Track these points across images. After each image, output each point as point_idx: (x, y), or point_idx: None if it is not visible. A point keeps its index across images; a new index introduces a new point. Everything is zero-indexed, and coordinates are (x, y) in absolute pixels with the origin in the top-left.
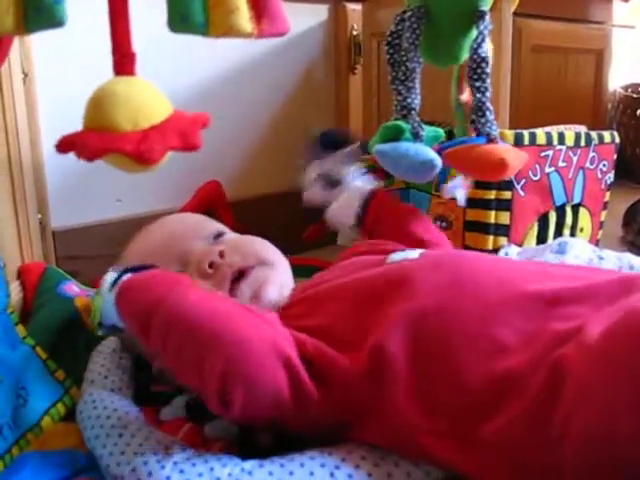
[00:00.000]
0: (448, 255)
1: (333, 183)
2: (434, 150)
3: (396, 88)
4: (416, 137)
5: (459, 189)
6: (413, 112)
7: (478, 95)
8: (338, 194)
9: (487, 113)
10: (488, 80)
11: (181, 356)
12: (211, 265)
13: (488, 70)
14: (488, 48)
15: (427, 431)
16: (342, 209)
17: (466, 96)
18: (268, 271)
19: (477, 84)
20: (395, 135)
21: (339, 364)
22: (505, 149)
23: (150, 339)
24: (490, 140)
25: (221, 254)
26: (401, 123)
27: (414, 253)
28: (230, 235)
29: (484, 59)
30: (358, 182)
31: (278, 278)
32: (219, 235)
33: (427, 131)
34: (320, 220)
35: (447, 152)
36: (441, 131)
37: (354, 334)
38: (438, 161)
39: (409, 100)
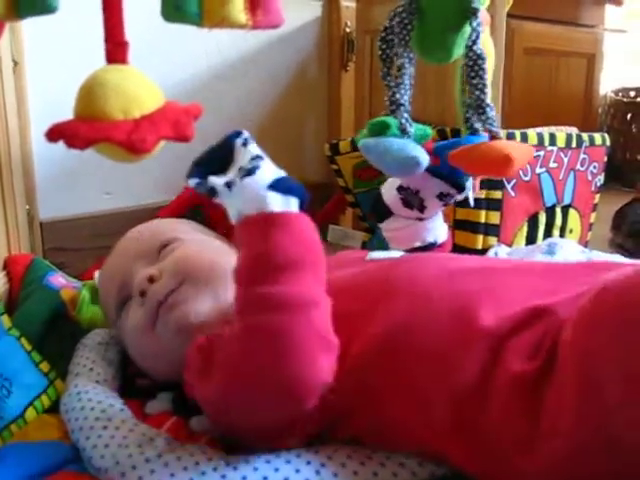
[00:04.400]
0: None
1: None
2: (426, 148)
3: (387, 84)
4: (403, 133)
5: (469, 190)
6: (402, 108)
7: (477, 92)
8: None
9: (487, 110)
10: (486, 76)
11: (244, 358)
12: (142, 293)
13: (485, 66)
14: (489, 46)
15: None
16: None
17: None
18: (192, 289)
19: (474, 81)
20: (381, 131)
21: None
22: (508, 145)
23: (240, 293)
24: (493, 137)
25: (150, 279)
26: (388, 119)
27: (397, 253)
28: (177, 244)
29: (480, 56)
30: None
31: (202, 295)
32: (164, 247)
33: (415, 129)
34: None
35: (452, 153)
36: (429, 130)
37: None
38: (422, 159)
39: (397, 96)
